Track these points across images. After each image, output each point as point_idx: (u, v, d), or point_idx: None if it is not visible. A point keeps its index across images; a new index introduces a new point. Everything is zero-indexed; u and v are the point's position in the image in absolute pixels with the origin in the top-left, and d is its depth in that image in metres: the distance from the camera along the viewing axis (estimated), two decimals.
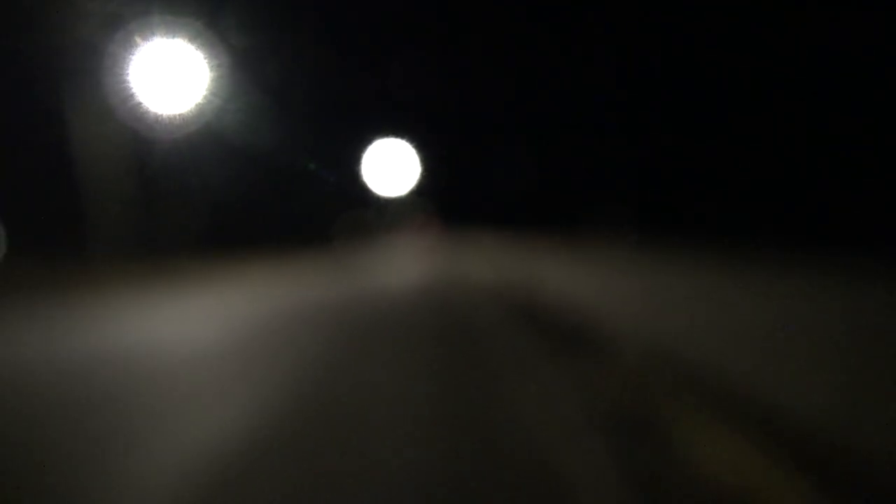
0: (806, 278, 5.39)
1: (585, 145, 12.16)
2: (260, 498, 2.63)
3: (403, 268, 14.61)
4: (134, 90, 9.86)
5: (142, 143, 10.68)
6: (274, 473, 2.87)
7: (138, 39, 9.53)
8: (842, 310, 4.66)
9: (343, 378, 4.81)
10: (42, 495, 2.69)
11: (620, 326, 6.03)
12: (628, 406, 3.80)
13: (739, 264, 6.56)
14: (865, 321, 4.41)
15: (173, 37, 10.11)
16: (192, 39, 10.25)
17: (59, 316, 7.42)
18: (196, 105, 10.64)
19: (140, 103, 9.91)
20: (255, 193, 13.75)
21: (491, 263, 12.63)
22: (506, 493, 2.65)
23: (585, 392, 4.17)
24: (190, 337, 6.52)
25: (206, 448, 3.18)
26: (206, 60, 10.59)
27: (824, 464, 2.81)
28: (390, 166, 16.60)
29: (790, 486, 2.67)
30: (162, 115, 10.29)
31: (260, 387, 4.46)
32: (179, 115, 10.50)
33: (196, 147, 11.78)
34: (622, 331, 5.84)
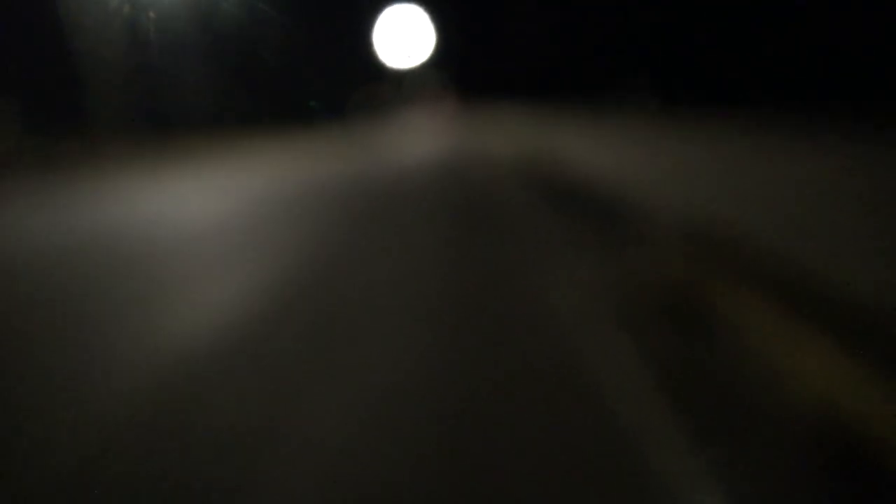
0: (832, 140, 5.11)
1: (606, 12, 11.46)
2: (267, 375, 2.54)
3: (418, 143, 14.29)
4: None
5: (143, 13, 10.16)
6: (279, 353, 2.78)
7: None
8: (874, 171, 4.39)
9: (356, 257, 4.68)
10: (46, 372, 2.61)
11: (646, 199, 5.77)
12: (657, 285, 3.61)
13: (766, 130, 6.25)
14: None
15: None
16: None
17: (64, 193, 7.32)
18: None
19: None
20: (265, 67, 13.25)
21: (510, 137, 12.27)
22: (525, 381, 2.49)
23: (611, 270, 3.97)
24: (198, 214, 6.39)
25: (213, 324, 3.08)
26: None
27: (866, 330, 2.64)
28: (404, 35, 15.81)
29: (827, 352, 2.50)
30: None
31: (270, 265, 4.34)
32: None
33: (203, 18, 11.25)
34: (648, 204, 5.59)
